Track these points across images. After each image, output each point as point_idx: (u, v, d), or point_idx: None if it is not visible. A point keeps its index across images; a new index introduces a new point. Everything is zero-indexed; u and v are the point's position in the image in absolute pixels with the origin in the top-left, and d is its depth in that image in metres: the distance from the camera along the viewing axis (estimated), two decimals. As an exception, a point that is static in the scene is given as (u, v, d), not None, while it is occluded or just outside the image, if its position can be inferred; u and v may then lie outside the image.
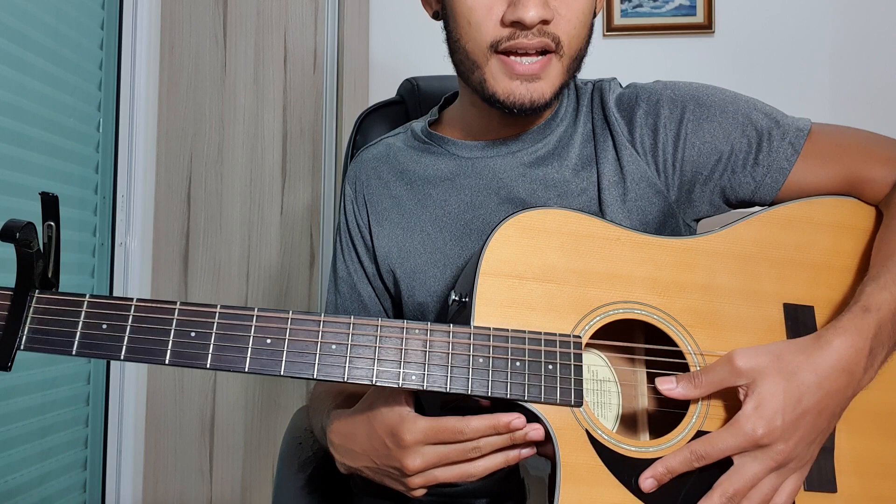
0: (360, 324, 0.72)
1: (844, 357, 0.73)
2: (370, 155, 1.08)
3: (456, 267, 0.97)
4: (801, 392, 0.71)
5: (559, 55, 0.87)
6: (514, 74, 0.86)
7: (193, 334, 0.70)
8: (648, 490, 0.72)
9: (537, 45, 0.85)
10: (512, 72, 0.86)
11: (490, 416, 0.71)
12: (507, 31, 0.84)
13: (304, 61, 1.94)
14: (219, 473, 1.92)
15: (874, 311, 0.75)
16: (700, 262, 0.82)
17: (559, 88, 0.89)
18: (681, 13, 1.90)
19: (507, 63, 0.86)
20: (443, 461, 0.73)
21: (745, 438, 0.71)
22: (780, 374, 0.72)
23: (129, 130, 1.90)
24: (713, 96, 0.94)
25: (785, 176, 0.91)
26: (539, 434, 0.72)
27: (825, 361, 0.72)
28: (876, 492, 0.77)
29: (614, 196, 0.94)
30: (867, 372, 0.75)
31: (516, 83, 0.86)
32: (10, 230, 0.66)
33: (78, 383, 1.81)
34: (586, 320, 0.77)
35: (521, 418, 0.71)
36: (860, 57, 1.87)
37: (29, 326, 0.69)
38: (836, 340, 0.73)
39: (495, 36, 0.85)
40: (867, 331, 0.74)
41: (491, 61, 0.87)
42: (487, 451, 0.73)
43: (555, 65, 0.87)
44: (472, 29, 0.86)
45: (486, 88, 0.88)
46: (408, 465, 0.73)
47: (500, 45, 0.85)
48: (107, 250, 1.88)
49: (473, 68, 0.89)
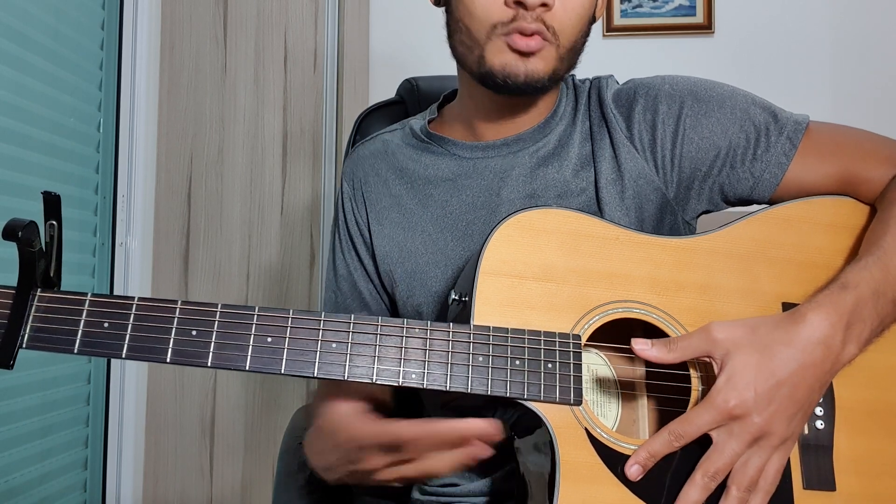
0: (361, 322, 0.72)
1: (819, 330, 0.73)
2: (367, 151, 1.08)
3: (456, 268, 0.97)
4: (774, 364, 0.72)
5: (554, 44, 0.89)
6: (512, 49, 0.88)
7: (195, 333, 0.70)
8: (635, 477, 0.72)
9: (535, 28, 0.87)
10: (510, 46, 0.88)
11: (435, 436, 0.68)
12: (510, 13, 0.87)
13: (304, 61, 1.94)
14: (219, 473, 1.92)
15: (852, 289, 0.76)
16: (699, 261, 0.82)
17: (553, 73, 0.91)
18: (681, 13, 1.90)
19: (505, 39, 0.88)
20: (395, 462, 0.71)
21: (718, 411, 0.71)
22: (754, 346, 0.73)
23: (129, 130, 1.90)
24: (711, 91, 0.94)
25: (783, 171, 0.91)
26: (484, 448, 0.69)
27: (800, 334, 0.73)
28: (875, 490, 0.77)
29: (612, 194, 0.94)
30: (846, 346, 0.75)
31: (513, 56, 0.88)
32: (13, 229, 0.66)
33: (78, 383, 1.81)
34: (585, 319, 0.77)
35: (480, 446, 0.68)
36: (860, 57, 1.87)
37: (31, 325, 0.69)
38: (810, 314, 0.74)
39: (500, 17, 0.87)
40: (843, 306, 0.75)
41: (492, 40, 0.89)
42: None
43: (549, 49, 0.89)
44: (477, 8, 0.88)
45: (484, 63, 0.90)
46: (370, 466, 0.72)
47: (502, 26, 0.87)
48: (107, 250, 1.88)
49: (474, 47, 0.90)
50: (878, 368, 0.81)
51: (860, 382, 0.80)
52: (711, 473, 0.72)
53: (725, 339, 0.73)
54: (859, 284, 0.76)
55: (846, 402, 0.79)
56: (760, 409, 0.71)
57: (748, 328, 0.74)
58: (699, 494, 0.72)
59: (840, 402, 0.79)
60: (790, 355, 0.73)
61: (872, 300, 0.76)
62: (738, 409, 0.71)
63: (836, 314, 0.74)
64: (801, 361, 0.73)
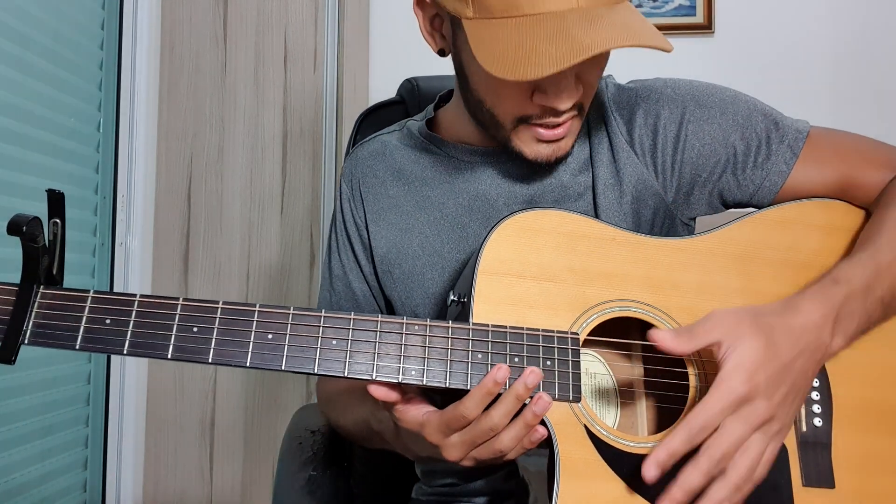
0: (361, 319, 0.73)
1: (811, 319, 0.74)
2: (366, 152, 1.08)
3: (453, 269, 0.97)
4: (779, 349, 0.72)
5: (581, 115, 0.89)
6: (542, 140, 0.88)
7: (196, 329, 0.70)
8: (653, 479, 0.68)
9: (565, 119, 0.86)
10: (539, 138, 0.87)
11: (477, 387, 0.70)
12: (538, 110, 0.85)
13: (304, 61, 1.94)
14: (219, 473, 1.92)
15: (843, 283, 0.77)
16: (695, 261, 0.83)
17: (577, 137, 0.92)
18: (680, 13, 1.90)
19: (534, 132, 0.87)
20: (473, 444, 0.72)
21: (731, 396, 0.70)
22: (759, 332, 0.73)
23: (129, 130, 1.90)
24: (713, 96, 0.95)
25: (784, 179, 0.91)
26: (536, 377, 0.70)
27: (796, 321, 0.74)
28: (874, 488, 0.78)
29: (610, 199, 0.94)
30: (834, 338, 0.76)
31: (543, 146, 0.88)
32: (17, 224, 0.67)
33: (78, 383, 1.81)
34: (583, 318, 0.78)
35: (503, 368, 0.69)
36: (860, 58, 1.87)
37: (33, 321, 0.70)
38: (803, 303, 0.76)
39: (525, 112, 0.86)
40: (834, 299, 0.76)
41: (518, 128, 0.88)
42: (501, 423, 0.70)
43: (576, 123, 0.89)
44: (500, 100, 0.86)
45: (512, 147, 0.89)
46: (450, 458, 0.73)
47: (530, 119, 0.86)
48: (107, 250, 1.88)
49: (496, 126, 0.89)
50: (875, 367, 0.81)
51: (858, 380, 0.81)
52: (718, 458, 0.69)
53: (732, 324, 0.73)
54: (851, 279, 0.77)
55: (844, 399, 0.80)
56: (770, 394, 0.71)
57: (751, 315, 0.74)
58: (701, 479, 0.68)
59: (838, 399, 0.79)
60: (791, 341, 0.73)
61: (862, 296, 0.77)
62: (750, 393, 0.70)
63: (827, 306, 0.75)
64: (800, 348, 0.73)
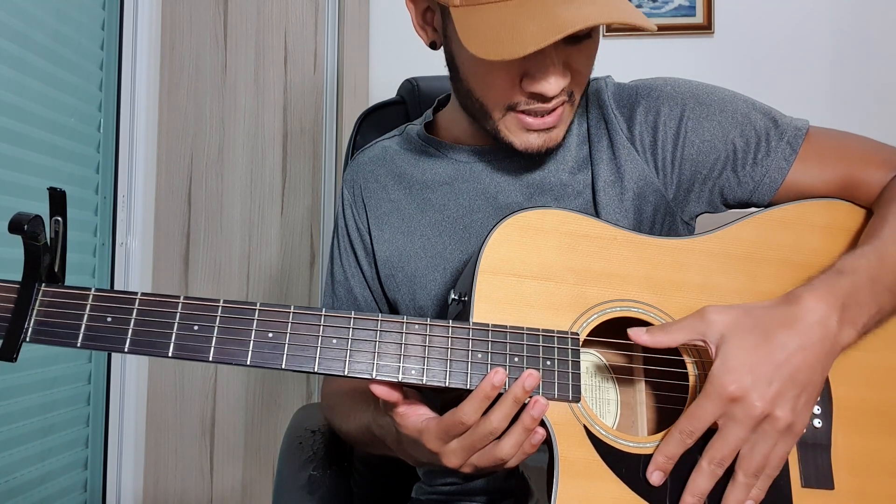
0: (361, 318, 0.73)
1: (814, 311, 0.73)
2: (366, 158, 1.08)
3: (455, 270, 0.98)
4: (771, 345, 0.71)
5: (571, 104, 0.89)
6: (531, 129, 0.87)
7: (196, 328, 0.71)
8: (658, 483, 0.72)
9: (554, 105, 0.86)
10: (529, 127, 0.87)
11: (474, 392, 0.70)
12: (526, 96, 0.85)
13: (304, 61, 1.94)
14: (219, 473, 1.92)
15: (848, 274, 0.76)
16: (696, 261, 0.83)
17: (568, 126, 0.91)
18: (680, 13, 1.90)
19: (523, 120, 0.87)
20: (472, 450, 0.72)
21: (719, 398, 0.70)
22: (749, 328, 0.72)
23: (129, 130, 1.90)
24: (712, 95, 0.95)
25: (783, 176, 0.91)
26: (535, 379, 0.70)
27: (795, 315, 0.73)
28: (873, 489, 0.77)
29: (611, 196, 0.94)
30: (843, 328, 0.74)
31: (533, 135, 0.88)
32: (19, 222, 0.67)
33: (79, 383, 1.81)
34: (584, 318, 0.78)
35: (500, 372, 0.70)
36: (860, 57, 1.87)
37: (35, 318, 0.70)
38: (805, 295, 0.74)
39: (513, 99, 0.85)
40: (838, 289, 0.75)
41: (506, 116, 0.87)
42: (500, 426, 0.70)
43: (567, 111, 0.89)
44: (488, 87, 0.86)
45: (501, 137, 0.89)
46: (449, 465, 0.73)
47: (518, 107, 0.86)
48: (107, 250, 1.88)
49: (485, 116, 0.89)
50: (876, 368, 0.81)
51: (858, 381, 0.80)
52: (718, 460, 0.71)
53: (720, 321, 0.73)
54: (856, 270, 0.76)
55: (844, 401, 0.79)
56: (761, 392, 0.70)
57: (742, 311, 0.74)
58: (707, 482, 0.72)
59: (838, 401, 0.79)
60: (788, 336, 0.72)
61: (869, 286, 0.76)
62: (737, 392, 0.70)
63: (831, 296, 0.74)
64: (800, 342, 0.72)
